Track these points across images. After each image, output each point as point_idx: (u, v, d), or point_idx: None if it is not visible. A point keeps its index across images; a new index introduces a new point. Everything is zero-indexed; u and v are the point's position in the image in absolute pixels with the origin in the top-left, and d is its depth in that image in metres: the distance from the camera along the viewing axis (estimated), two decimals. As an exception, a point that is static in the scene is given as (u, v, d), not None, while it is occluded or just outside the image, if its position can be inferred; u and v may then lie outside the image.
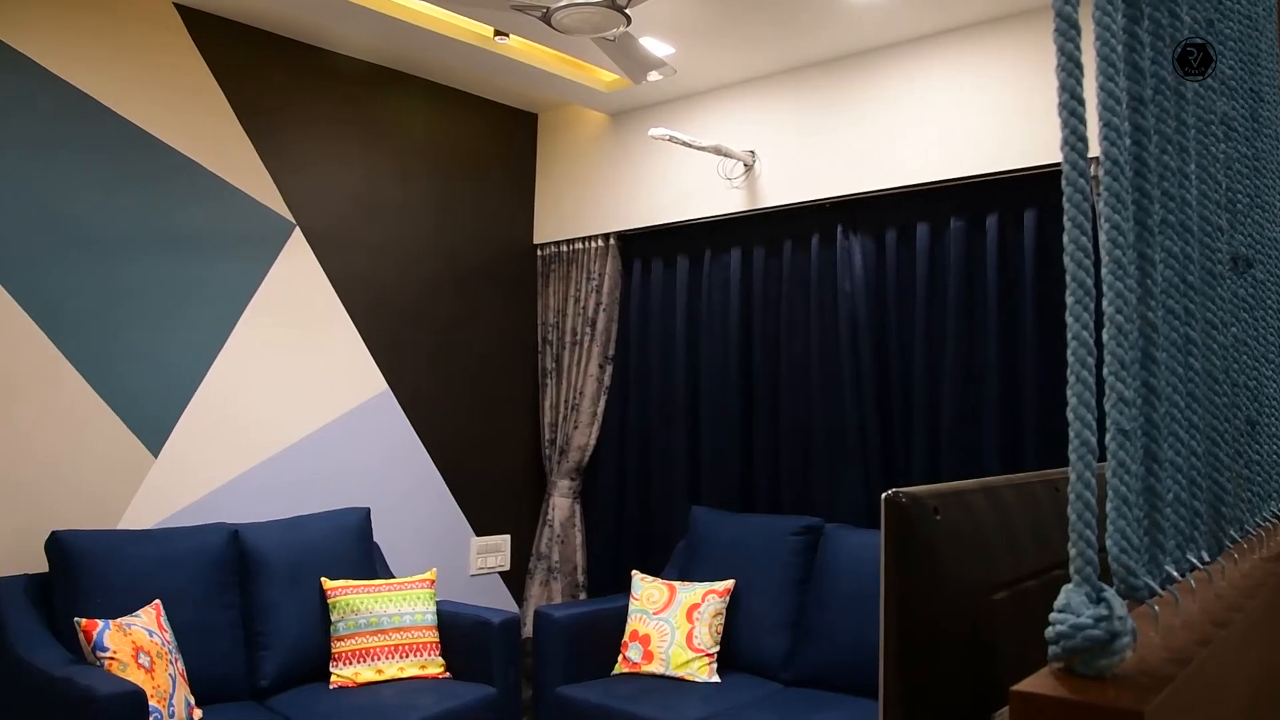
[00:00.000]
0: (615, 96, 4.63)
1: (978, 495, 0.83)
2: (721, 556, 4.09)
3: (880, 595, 0.70)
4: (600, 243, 4.86)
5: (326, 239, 4.29)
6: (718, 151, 4.25)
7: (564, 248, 5.04)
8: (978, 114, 3.74)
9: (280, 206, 4.14)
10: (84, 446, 3.58)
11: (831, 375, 4.16)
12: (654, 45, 3.95)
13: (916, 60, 3.92)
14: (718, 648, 3.86)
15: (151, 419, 3.75)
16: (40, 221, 3.50)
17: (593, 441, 4.88)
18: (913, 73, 3.92)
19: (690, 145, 4.16)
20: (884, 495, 0.73)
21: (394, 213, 4.56)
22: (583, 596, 4.87)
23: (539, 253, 5.17)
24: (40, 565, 3.40)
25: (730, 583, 3.95)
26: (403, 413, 4.57)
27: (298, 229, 4.20)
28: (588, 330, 4.86)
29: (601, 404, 4.87)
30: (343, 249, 4.36)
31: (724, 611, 3.91)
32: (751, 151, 4.32)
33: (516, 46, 4.13)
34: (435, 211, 4.73)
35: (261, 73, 4.11)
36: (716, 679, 3.78)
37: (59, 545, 3.27)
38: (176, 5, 3.86)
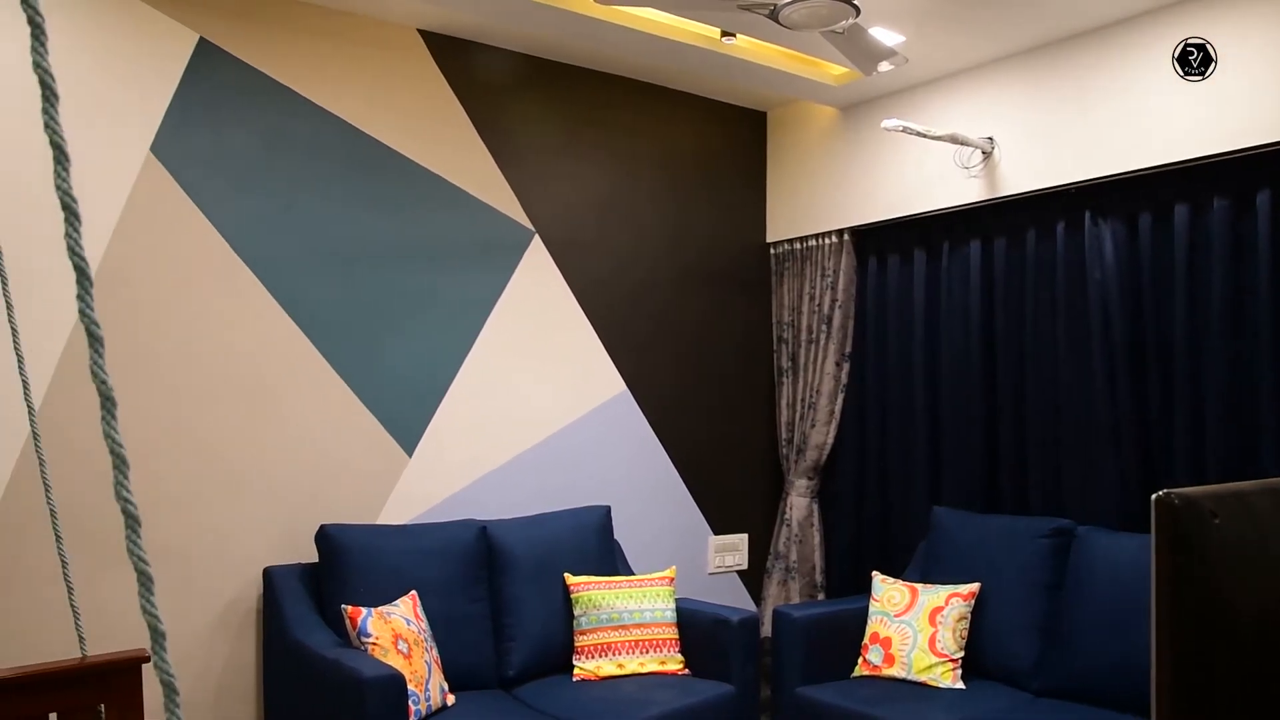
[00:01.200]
0: (845, 90, 4.54)
1: (1263, 497, 0.74)
2: (965, 559, 3.94)
3: (1150, 609, 0.64)
4: (834, 239, 4.79)
5: (564, 245, 4.43)
6: (954, 140, 4.10)
7: (797, 245, 4.99)
8: (1243, 80, 3.43)
9: (520, 216, 4.30)
10: (347, 447, 3.84)
11: (1082, 368, 3.92)
12: (884, 35, 3.85)
13: (1169, 28, 3.63)
14: (962, 653, 3.71)
15: (406, 421, 3.98)
16: (302, 238, 3.79)
17: (830, 440, 4.81)
18: (1166, 41, 3.63)
19: (925, 135, 4.03)
20: (1154, 496, 0.66)
21: (627, 217, 4.65)
22: (821, 597, 4.80)
23: (772, 251, 5.14)
24: (310, 556, 3.68)
25: (975, 586, 3.79)
26: (641, 413, 4.65)
27: (537, 237, 4.35)
28: (823, 327, 4.80)
29: (839, 402, 4.79)
30: (580, 254, 4.48)
31: (969, 616, 3.76)
32: (989, 138, 4.14)
33: (744, 46, 4.12)
34: (668, 214, 4.79)
35: (499, 88, 4.28)
36: (961, 685, 3.64)
37: (326, 538, 3.52)
38: (419, 30, 4.08)
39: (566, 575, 3.88)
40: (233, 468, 3.62)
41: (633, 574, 4.17)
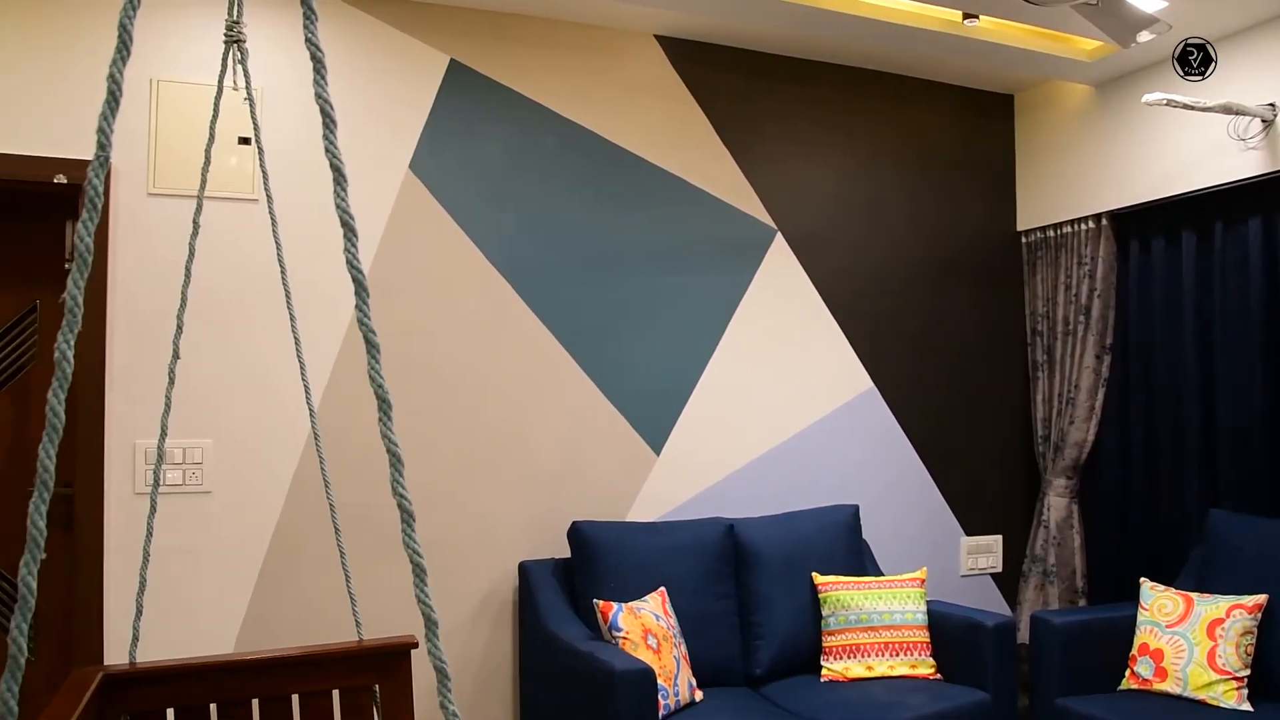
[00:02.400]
0: (1099, 65, 4.28)
1: None
2: (1248, 567, 3.61)
3: None
4: (1091, 224, 4.52)
5: (807, 242, 4.40)
6: (1227, 110, 3.78)
7: (1051, 232, 4.75)
8: None
9: (762, 214, 4.31)
10: (597, 445, 3.97)
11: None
12: (1142, 1, 3.60)
13: None
14: (1248, 671, 3.39)
15: (653, 420, 4.07)
16: (551, 244, 3.94)
17: (1091, 437, 4.54)
18: None
19: (1193, 108, 3.74)
20: None
21: (870, 211, 4.57)
22: (1082, 603, 4.54)
23: (1023, 239, 4.92)
24: (563, 551, 3.82)
25: (1262, 598, 3.47)
26: (888, 409, 4.55)
27: (779, 234, 4.34)
28: (1081, 319, 4.54)
29: (1100, 397, 4.52)
30: (823, 250, 4.44)
31: (1255, 630, 3.45)
32: (1271, 105, 3.79)
33: (987, 27, 3.96)
34: (912, 206, 4.67)
35: (736, 88, 4.30)
36: (1248, 707, 3.33)
37: (578, 534, 3.65)
38: (656, 37, 4.16)
39: (814, 574, 3.85)
40: (490, 466, 3.81)
41: (882, 574, 4.09)
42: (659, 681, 3.16)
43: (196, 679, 2.32)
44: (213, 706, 2.34)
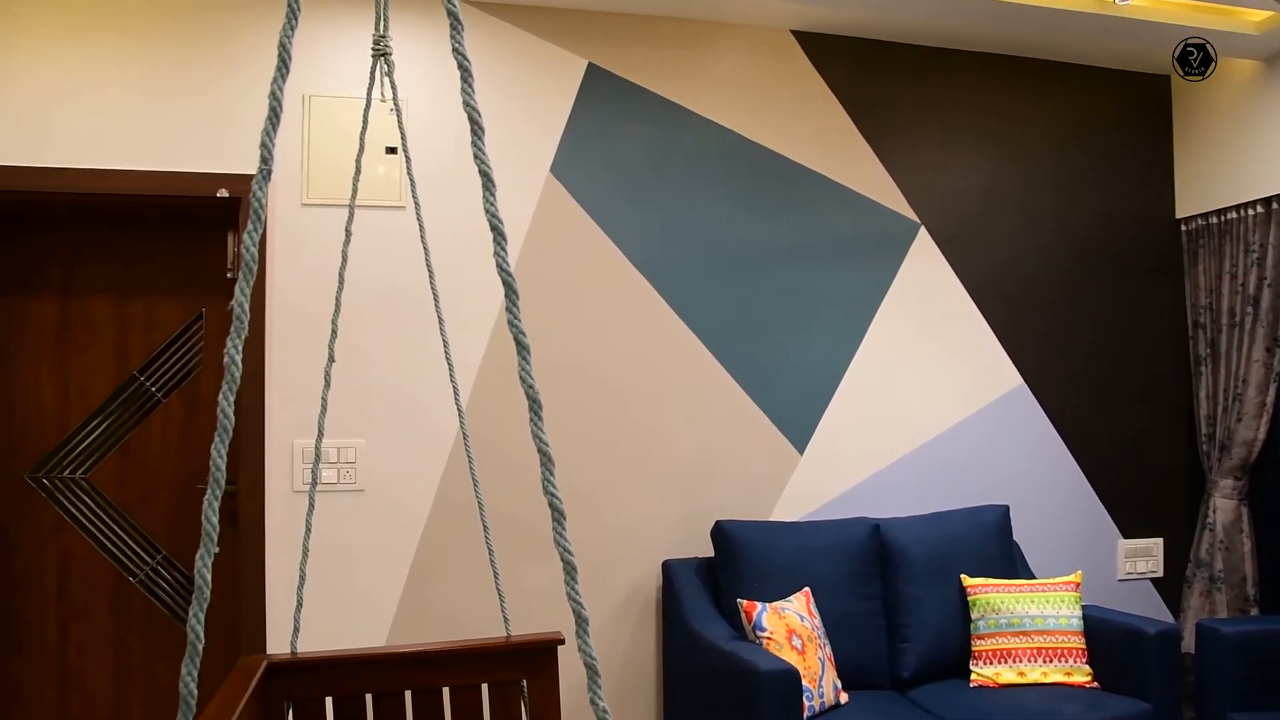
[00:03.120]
0: (1268, 38, 4.04)
1: None
2: None
3: None
4: (1259, 209, 4.27)
5: (952, 236, 4.29)
6: None
7: (1214, 219, 4.50)
8: None
9: (904, 208, 4.22)
10: (740, 445, 3.96)
11: None
12: (1319, -27, 3.39)
13: None
14: None
15: (796, 419, 4.03)
16: (691, 244, 3.94)
17: (1261, 435, 4.29)
18: None
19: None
20: None
21: (1017, 202, 4.42)
22: (1254, 612, 4.29)
23: (1183, 228, 4.68)
24: (706, 550, 3.82)
25: None
26: (1040, 407, 4.40)
27: (923, 229, 4.24)
28: (1249, 310, 4.29)
29: (1271, 393, 4.27)
30: (968, 244, 4.32)
31: None
32: None
33: (1140, 5, 3.79)
34: (1059, 196, 4.50)
35: (875, 81, 4.22)
36: None
37: (722, 533, 3.64)
38: (793, 32, 4.11)
39: (963, 576, 3.75)
40: (634, 465, 3.84)
41: (1034, 578, 3.96)
42: (804, 683, 3.13)
43: (353, 670, 2.41)
44: (368, 697, 2.42)
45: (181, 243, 3.79)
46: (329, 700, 2.40)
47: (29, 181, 3.45)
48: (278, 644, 3.47)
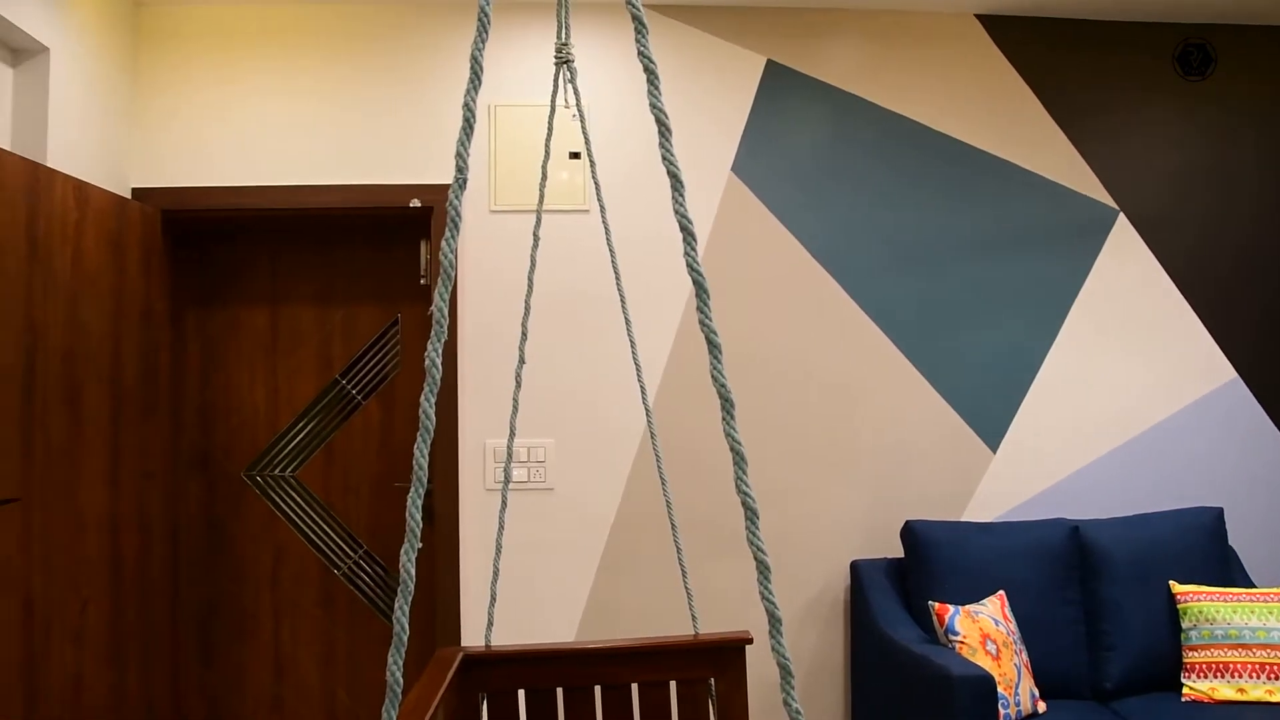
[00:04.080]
0: None
1: None
2: None
3: None
4: None
5: (1155, 222, 4.05)
6: None
7: None
8: None
9: (1101, 194, 4.02)
10: (930, 443, 3.85)
11: None
12: None
13: None
14: None
15: (988, 416, 3.89)
16: (876, 238, 3.86)
17: None
18: None
19: None
20: None
21: (1224, 183, 4.13)
22: None
23: None
24: (895, 550, 3.74)
25: None
26: (1256, 402, 4.11)
27: (1122, 215, 4.03)
28: None
29: None
30: (1170, 228, 4.07)
31: None
32: None
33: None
34: (1274, 176, 4.18)
35: (1066, 62, 4.03)
36: None
37: (912, 534, 3.55)
38: (977, 16, 3.97)
39: (1172, 583, 3.54)
40: (820, 463, 3.79)
41: (1253, 586, 3.70)
42: (999, 689, 3.02)
43: (545, 663, 2.47)
44: (559, 690, 2.47)
45: (377, 252, 3.97)
46: (521, 692, 2.47)
47: (243, 199, 3.70)
48: (471, 636, 3.59)
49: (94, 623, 3.24)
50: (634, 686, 2.49)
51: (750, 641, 2.49)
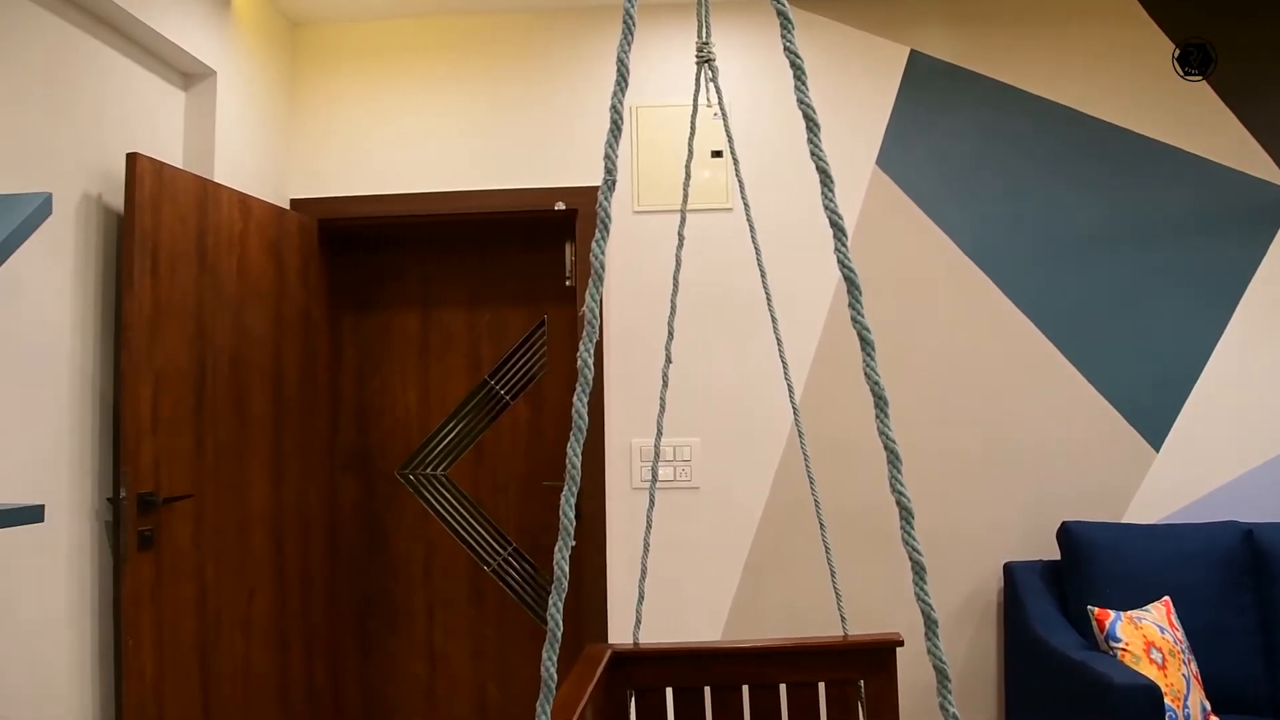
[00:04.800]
0: None
1: None
2: None
3: None
4: None
5: (1331, 205, 3.81)
6: None
7: None
8: None
9: (1276, 176, 3.79)
10: (1086, 441, 3.70)
11: None
12: None
13: None
14: None
15: (1150, 412, 3.72)
16: (1027, 230, 3.73)
17: None
18: None
19: None
20: None
21: None
22: None
23: None
24: (1050, 552, 3.61)
25: None
26: None
27: (1295, 199, 3.80)
28: None
29: None
30: (1352, 214, 3.82)
31: None
32: None
33: None
34: None
35: (1236, 35, 3.81)
36: None
37: (1068, 535, 3.43)
38: (1141, -7, 3.81)
39: (1356, 590, 3.32)
40: (971, 462, 3.69)
41: None
42: (1165, 701, 2.88)
43: (693, 662, 2.47)
44: (707, 689, 2.47)
45: (523, 255, 4.05)
46: (669, 690, 2.48)
47: (393, 207, 3.82)
48: (617, 634, 3.62)
49: (260, 612, 3.40)
50: (782, 687, 2.47)
51: (901, 643, 2.44)
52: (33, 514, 2.30)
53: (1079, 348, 3.71)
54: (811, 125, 1.05)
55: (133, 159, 2.88)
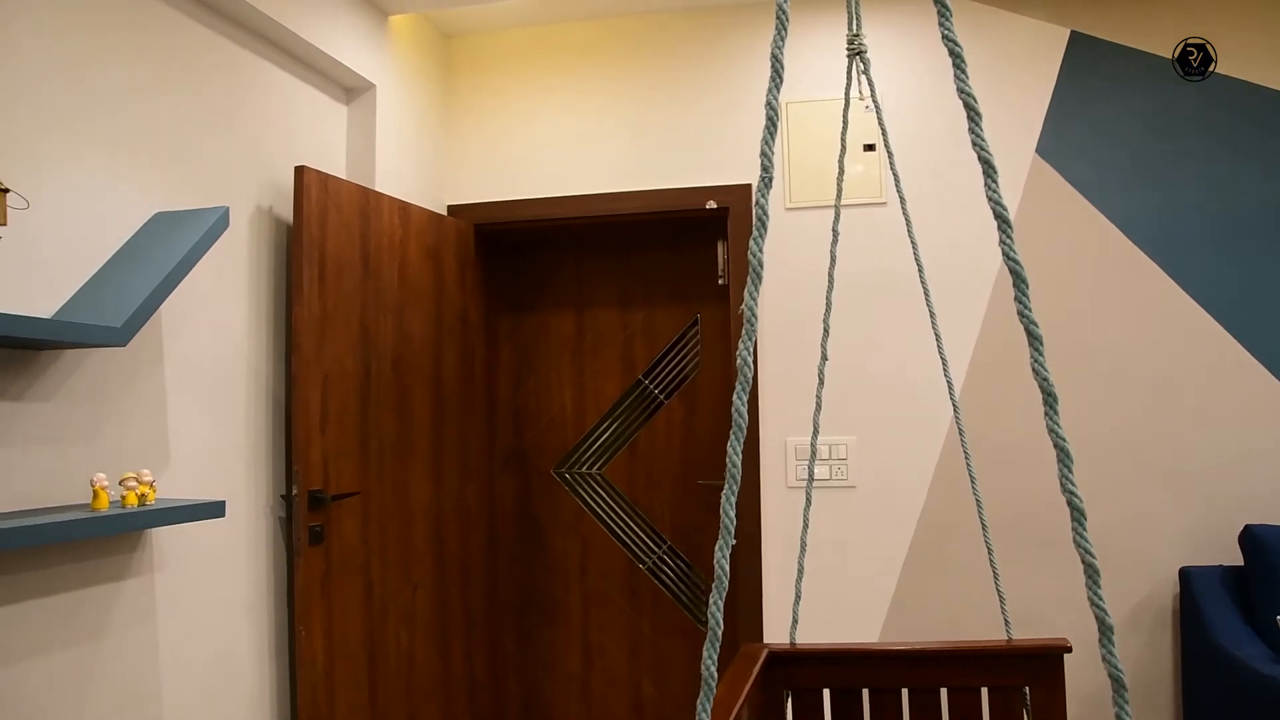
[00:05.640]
0: None
1: None
2: None
3: None
4: None
5: None
6: None
7: None
8: None
9: None
10: (1273, 439, 3.47)
11: None
12: None
13: None
14: None
15: (1340, 409, 3.48)
16: (1204, 215, 3.53)
17: None
18: None
19: None
20: None
21: None
22: None
23: None
24: (1228, 557, 3.41)
25: None
26: None
27: None
28: None
29: None
30: None
31: None
32: None
33: None
34: None
35: None
36: None
37: (1253, 539, 3.23)
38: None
39: None
40: (1144, 461, 3.52)
41: None
42: (1366, 716, 2.69)
43: (850, 663, 2.44)
44: (865, 691, 2.43)
45: (675, 254, 4.07)
46: (826, 691, 2.45)
47: (546, 210, 3.90)
48: (773, 633, 3.60)
49: (423, 606, 3.52)
50: (943, 691, 2.41)
51: (1068, 649, 2.35)
52: (216, 509, 2.44)
53: (1262, 340, 3.49)
54: (973, 115, 1.03)
55: (300, 171, 3.01)
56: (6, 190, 1.92)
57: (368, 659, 3.22)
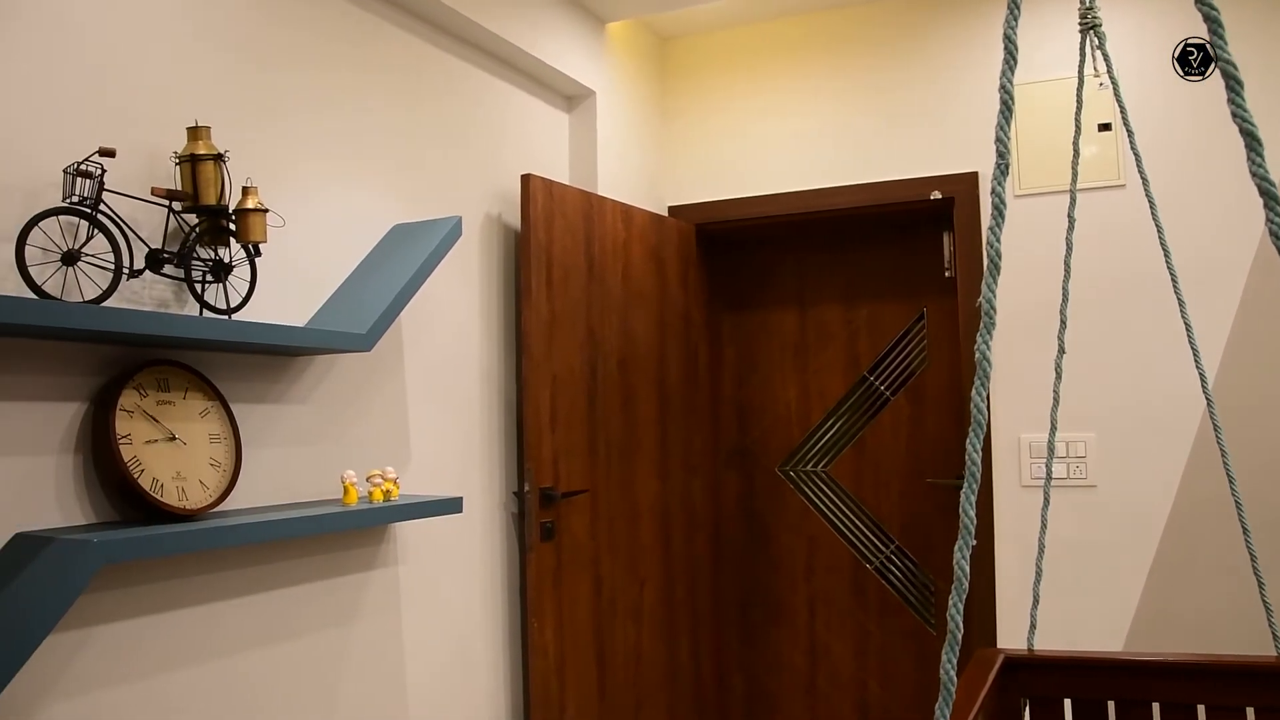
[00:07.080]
0: None
1: None
2: None
3: None
4: None
5: None
6: None
7: None
8: None
9: None
10: None
11: None
12: None
13: None
14: None
15: None
16: None
17: None
18: None
19: None
20: None
21: None
22: None
23: None
24: None
25: None
26: None
27: None
28: None
29: None
30: None
31: None
32: None
33: None
34: None
35: None
36: None
37: None
38: None
39: None
40: None
41: None
42: None
43: (1094, 673, 2.31)
44: (1110, 704, 2.30)
45: (897, 247, 3.98)
46: (1068, 702, 2.34)
47: (764, 208, 3.89)
48: (1006, 638, 3.46)
49: (650, 601, 3.58)
50: (1200, 709, 2.25)
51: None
52: (454, 505, 2.57)
53: None
54: (1233, 84, 0.95)
55: (526, 179, 3.12)
56: (266, 210, 2.08)
57: (596, 651, 3.30)
